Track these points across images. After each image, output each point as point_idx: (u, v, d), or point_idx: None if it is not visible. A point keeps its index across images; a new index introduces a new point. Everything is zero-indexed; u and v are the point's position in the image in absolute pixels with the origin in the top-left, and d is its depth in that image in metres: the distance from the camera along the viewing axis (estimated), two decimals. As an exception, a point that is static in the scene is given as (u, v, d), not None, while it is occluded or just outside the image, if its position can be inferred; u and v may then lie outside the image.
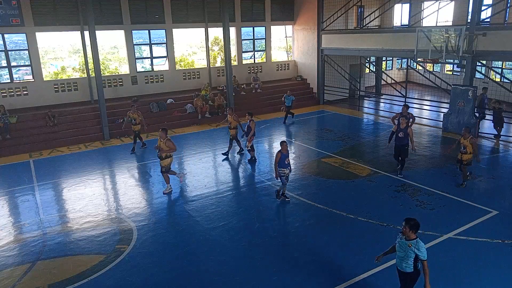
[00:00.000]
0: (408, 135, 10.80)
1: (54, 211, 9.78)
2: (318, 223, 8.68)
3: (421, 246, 5.21)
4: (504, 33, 13.66)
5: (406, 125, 10.84)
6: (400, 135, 10.84)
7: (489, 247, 7.49)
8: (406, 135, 10.82)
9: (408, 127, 10.86)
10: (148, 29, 18.95)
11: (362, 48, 18.72)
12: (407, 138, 10.83)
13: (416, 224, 5.27)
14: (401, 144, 10.89)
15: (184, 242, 8.11)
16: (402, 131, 10.81)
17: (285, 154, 9.33)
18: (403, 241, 5.32)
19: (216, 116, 18.60)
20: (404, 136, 10.83)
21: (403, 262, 5.35)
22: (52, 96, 17.13)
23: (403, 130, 10.80)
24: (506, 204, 9.30)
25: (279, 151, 9.31)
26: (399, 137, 10.88)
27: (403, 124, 10.80)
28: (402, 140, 10.86)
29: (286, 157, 9.35)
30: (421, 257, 5.20)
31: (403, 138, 10.85)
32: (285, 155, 9.33)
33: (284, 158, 9.32)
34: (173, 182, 10.92)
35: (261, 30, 22.55)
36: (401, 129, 10.81)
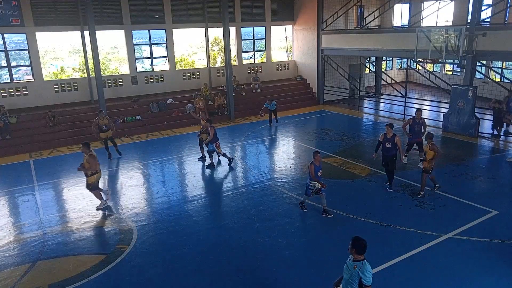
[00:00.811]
0: (396, 145, 9.90)
1: (54, 211, 9.78)
2: (319, 223, 8.68)
3: (367, 269, 4.72)
4: (504, 33, 13.66)
5: (393, 135, 9.91)
6: (387, 145, 9.92)
7: (489, 247, 7.49)
8: (393, 145, 9.89)
9: (395, 137, 9.86)
10: (148, 29, 18.95)
11: (362, 48, 18.73)
12: (395, 148, 9.92)
13: (360, 245, 4.85)
14: (389, 155, 9.99)
15: (184, 242, 8.11)
16: (389, 141, 9.91)
17: (318, 166, 8.60)
18: (350, 262, 4.87)
19: (216, 116, 18.61)
20: (391, 146, 9.91)
21: (348, 285, 4.82)
22: (52, 96, 17.14)
23: (390, 140, 9.91)
24: (506, 204, 9.30)
25: (311, 163, 8.59)
26: (386, 148, 9.94)
27: (390, 133, 9.89)
28: (389, 150, 9.93)
29: (319, 170, 8.63)
30: (364, 282, 4.68)
31: (390, 149, 9.91)
32: (318, 167, 8.60)
33: (317, 170, 8.60)
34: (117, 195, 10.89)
35: (261, 30, 22.56)
36: (388, 139, 9.92)
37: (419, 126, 11.42)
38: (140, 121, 17.37)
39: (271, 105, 16.78)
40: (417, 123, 11.44)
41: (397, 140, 9.86)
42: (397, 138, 9.88)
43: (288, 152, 14.13)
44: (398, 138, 9.90)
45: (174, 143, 15.34)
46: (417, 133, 11.49)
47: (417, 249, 7.43)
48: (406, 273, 6.81)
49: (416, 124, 11.43)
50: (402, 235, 8.00)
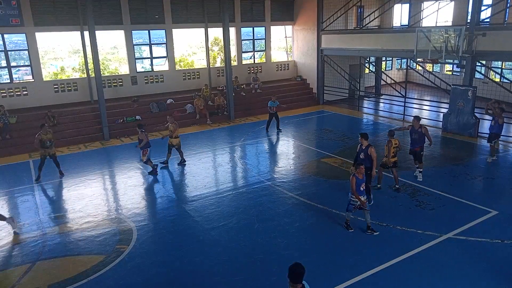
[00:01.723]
0: (370, 157, 9.00)
1: (53, 212, 9.78)
2: (318, 223, 8.68)
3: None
4: (503, 33, 13.67)
5: (368, 145, 9.10)
6: (361, 156, 9.11)
7: (489, 247, 7.49)
8: (367, 156, 9.01)
9: (369, 147, 9.09)
10: (148, 29, 18.95)
11: (361, 48, 18.73)
12: (370, 160, 8.99)
13: (294, 273, 4.42)
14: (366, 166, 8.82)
15: (184, 242, 8.11)
16: (362, 152, 9.11)
17: (361, 179, 7.85)
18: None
19: (216, 117, 18.62)
20: (365, 157, 9.01)
21: None
22: (52, 96, 17.13)
23: (364, 151, 9.10)
24: (506, 204, 9.30)
25: (353, 175, 7.87)
26: (361, 159, 9.05)
27: (364, 143, 9.12)
28: (362, 161, 8.92)
29: (362, 183, 7.88)
30: None
31: (364, 161, 8.93)
32: (361, 180, 7.86)
33: (360, 183, 7.86)
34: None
35: (261, 30, 22.56)
36: (362, 150, 9.14)
37: (416, 134, 10.47)
38: (140, 121, 17.33)
39: (275, 103, 16.32)
40: (414, 131, 10.50)
41: (371, 151, 8.99)
42: (372, 149, 9.02)
43: (288, 152, 14.13)
44: (373, 149, 9.05)
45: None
46: (414, 141, 10.59)
47: (417, 249, 7.43)
48: (406, 273, 6.81)
49: (414, 132, 10.52)
50: (402, 235, 8.01)
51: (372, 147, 9.10)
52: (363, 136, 9.17)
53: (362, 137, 9.17)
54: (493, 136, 12.02)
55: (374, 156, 9.00)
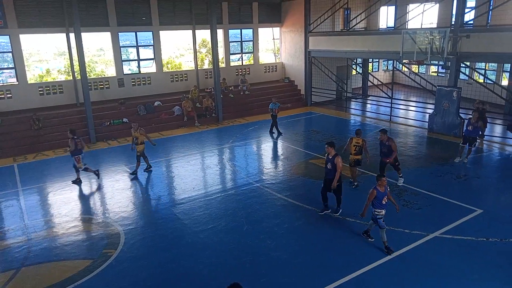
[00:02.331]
0: (336, 167, 8.62)
1: (39, 216, 9.62)
2: (307, 224, 8.71)
3: None
4: (486, 35, 13.93)
5: (335, 154, 8.70)
6: (328, 166, 8.75)
7: (474, 245, 7.61)
8: (334, 166, 8.63)
9: (336, 157, 8.62)
10: (134, 31, 18.82)
11: (348, 50, 18.88)
12: (335, 171, 8.63)
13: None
14: (329, 178, 8.79)
15: (172, 245, 8.05)
16: (329, 162, 8.70)
17: (382, 192, 7.34)
18: None
19: (204, 119, 18.56)
20: (332, 168, 8.68)
21: None
22: (36, 99, 16.88)
23: (331, 161, 8.67)
24: (490, 203, 9.47)
25: (374, 188, 7.34)
26: (328, 169, 8.77)
27: (331, 152, 8.73)
28: (330, 173, 8.72)
29: (384, 196, 7.35)
30: None
31: (330, 171, 8.70)
32: (382, 193, 7.34)
33: (381, 196, 7.33)
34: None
35: (248, 32, 22.58)
36: (329, 159, 8.73)
37: (385, 148, 10.14)
38: (127, 124, 17.16)
39: (276, 105, 15.99)
40: (383, 145, 10.17)
41: (337, 161, 8.58)
42: (338, 159, 8.58)
43: (276, 154, 14.16)
44: (340, 159, 8.60)
45: (162, 146, 15.23)
46: (384, 154, 10.25)
47: (404, 248, 7.51)
48: (394, 272, 6.87)
49: (383, 146, 10.21)
50: (390, 234, 8.05)
51: (339, 156, 8.66)
52: (330, 145, 8.77)
53: (329, 145, 8.76)
54: (470, 140, 11.86)
55: (339, 167, 8.56)
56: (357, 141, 10.20)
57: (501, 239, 7.76)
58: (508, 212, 9.03)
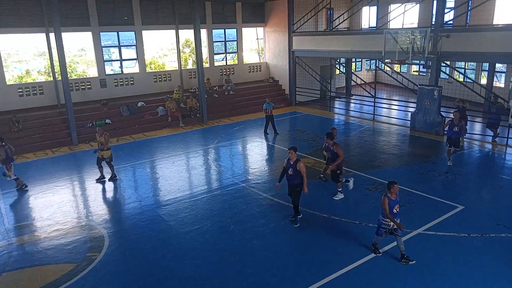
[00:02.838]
0: (299, 173, 8.24)
1: (20, 220, 9.40)
2: (293, 224, 8.73)
3: None
4: (466, 35, 14.23)
5: (297, 160, 8.33)
6: (290, 172, 8.34)
7: (456, 241, 7.76)
8: (296, 172, 8.25)
9: (298, 162, 8.27)
10: (116, 30, 18.56)
11: (332, 50, 19.04)
12: (300, 177, 8.27)
13: None
14: (292, 184, 8.45)
15: (157, 247, 7.98)
16: (291, 168, 8.30)
17: (394, 200, 6.97)
18: None
19: (189, 119, 18.45)
20: (294, 174, 8.28)
21: None
22: (16, 100, 16.48)
23: (293, 166, 8.29)
24: (471, 199, 9.68)
25: (385, 196, 6.96)
26: (289, 175, 8.38)
27: (293, 158, 8.31)
28: (292, 179, 8.37)
29: (395, 204, 6.98)
30: None
31: (293, 177, 8.33)
32: (394, 201, 6.97)
33: (393, 205, 6.96)
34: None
35: (232, 32, 22.54)
36: (290, 165, 8.33)
37: (330, 153, 9.94)
38: (110, 125, 16.97)
39: (270, 105, 15.83)
40: (329, 149, 9.99)
41: (300, 167, 8.22)
42: (301, 164, 8.27)
43: (262, 154, 14.17)
44: (302, 164, 8.31)
45: (146, 147, 15.09)
46: (330, 160, 10.02)
47: (389, 245, 7.60)
48: (379, 269, 6.96)
49: (328, 151, 10.04)
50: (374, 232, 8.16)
51: (301, 161, 8.34)
52: (294, 150, 8.36)
53: (293, 150, 8.34)
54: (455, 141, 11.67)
55: (303, 172, 8.24)
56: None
57: (482, 234, 7.94)
58: (488, 208, 9.26)
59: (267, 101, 16.04)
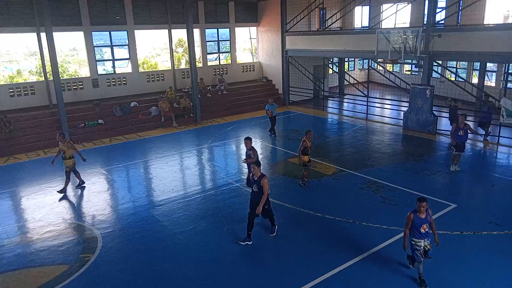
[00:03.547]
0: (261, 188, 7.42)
1: (12, 221, 9.31)
2: (287, 223, 8.74)
3: None
4: (457, 35, 14.35)
5: (261, 175, 7.46)
6: (254, 189, 7.57)
7: (449, 239, 7.83)
8: (261, 189, 7.44)
9: (263, 177, 7.42)
10: (108, 30, 18.44)
11: (325, 49, 19.09)
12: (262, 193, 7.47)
13: None
14: (256, 201, 7.59)
15: (151, 248, 7.94)
16: (255, 184, 7.53)
17: (421, 218, 6.20)
18: None
19: (182, 119, 18.38)
20: (259, 191, 7.50)
21: None
22: (7, 101, 16.30)
23: (257, 182, 7.48)
24: (464, 197, 9.78)
25: (412, 212, 6.29)
26: (253, 192, 7.63)
27: (258, 173, 7.51)
28: (256, 196, 7.58)
29: (424, 223, 6.21)
30: None
31: (257, 194, 7.55)
32: (421, 220, 6.20)
33: (420, 224, 6.20)
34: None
35: (225, 31, 22.51)
36: (254, 181, 7.55)
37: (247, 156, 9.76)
38: (103, 125, 16.86)
39: (273, 106, 15.40)
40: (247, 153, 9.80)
41: (264, 183, 7.39)
42: (265, 180, 7.41)
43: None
44: (267, 181, 7.44)
45: (139, 147, 15.02)
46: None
47: (382, 244, 7.65)
48: (373, 268, 6.99)
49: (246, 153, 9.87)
50: (368, 231, 8.22)
51: (265, 177, 7.46)
52: (257, 165, 7.56)
53: (256, 165, 7.53)
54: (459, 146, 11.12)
55: (266, 189, 7.40)
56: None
57: (474, 232, 8.02)
58: (480, 206, 9.36)
59: (269, 102, 15.62)
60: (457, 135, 10.98)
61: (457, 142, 11.03)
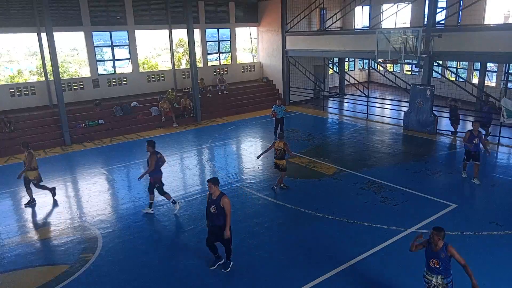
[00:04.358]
0: (223, 211, 6.58)
1: (12, 221, 9.31)
2: (287, 223, 8.75)
3: None
4: (457, 35, 14.34)
5: (220, 194, 6.61)
6: (212, 210, 6.63)
7: (450, 239, 7.76)
8: (220, 210, 6.58)
9: (222, 197, 6.57)
10: (109, 30, 18.45)
11: (325, 50, 19.09)
12: (224, 216, 6.62)
13: None
14: (216, 225, 6.71)
15: (152, 247, 7.94)
16: (213, 204, 6.60)
17: (434, 252, 5.22)
18: None
19: (182, 119, 18.38)
20: (218, 212, 6.61)
21: None
22: (7, 100, 16.31)
23: (215, 203, 6.58)
24: (464, 198, 9.77)
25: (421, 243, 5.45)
26: (212, 214, 6.68)
27: (216, 192, 6.61)
28: (215, 218, 6.67)
29: (433, 257, 5.26)
30: None
31: (217, 216, 6.64)
32: (433, 253, 5.24)
33: (431, 257, 5.28)
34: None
35: (226, 32, 22.51)
36: (213, 200, 6.62)
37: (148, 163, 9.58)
38: (103, 125, 16.87)
39: (280, 109, 14.82)
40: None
41: (224, 203, 6.54)
42: (225, 199, 6.56)
43: (256, 153, 14.13)
44: (227, 200, 6.59)
45: (139, 147, 15.00)
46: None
47: (382, 244, 7.65)
48: (371, 268, 6.99)
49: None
50: (368, 231, 8.21)
51: (225, 196, 6.63)
52: (213, 182, 6.62)
53: (212, 183, 6.60)
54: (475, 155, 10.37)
55: (228, 210, 6.56)
56: (278, 144, 10.09)
57: (475, 232, 8.01)
58: (480, 206, 9.36)
59: (277, 103, 15.11)
60: (472, 143, 10.21)
61: (473, 152, 10.26)
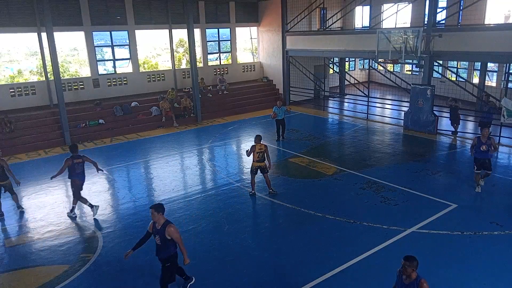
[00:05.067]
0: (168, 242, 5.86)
1: (12, 221, 9.32)
2: (287, 223, 8.76)
3: None
4: (458, 34, 14.33)
5: (166, 222, 5.85)
6: (157, 241, 5.90)
7: (450, 239, 7.82)
8: (165, 241, 5.84)
9: (168, 226, 5.79)
10: (109, 30, 18.45)
11: (325, 50, 19.08)
12: (172, 247, 5.93)
13: None
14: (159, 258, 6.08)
15: (152, 248, 7.85)
16: (158, 234, 5.86)
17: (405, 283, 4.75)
18: None
19: (183, 119, 18.39)
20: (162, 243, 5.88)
21: None
22: (8, 100, 16.31)
23: (160, 233, 5.83)
24: (464, 198, 9.75)
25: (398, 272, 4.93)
26: (157, 245, 5.94)
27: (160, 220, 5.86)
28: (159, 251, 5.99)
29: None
30: None
31: (161, 248, 5.95)
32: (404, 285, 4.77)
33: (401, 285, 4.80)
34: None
35: (226, 31, 22.51)
36: (157, 231, 5.86)
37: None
38: (104, 125, 16.88)
39: (280, 109, 14.56)
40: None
41: (171, 233, 5.78)
42: (171, 228, 5.78)
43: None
44: (174, 229, 5.81)
45: (140, 147, 15.02)
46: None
47: (382, 244, 7.65)
48: (372, 269, 6.99)
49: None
50: (369, 231, 8.21)
51: (171, 225, 5.84)
52: (157, 210, 5.86)
53: (156, 210, 5.85)
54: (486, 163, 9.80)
55: (177, 238, 5.82)
56: (260, 147, 9.93)
57: (475, 232, 8.01)
58: (480, 206, 9.35)
59: (277, 105, 14.86)
60: (479, 151, 9.55)
61: (479, 159, 9.69)
